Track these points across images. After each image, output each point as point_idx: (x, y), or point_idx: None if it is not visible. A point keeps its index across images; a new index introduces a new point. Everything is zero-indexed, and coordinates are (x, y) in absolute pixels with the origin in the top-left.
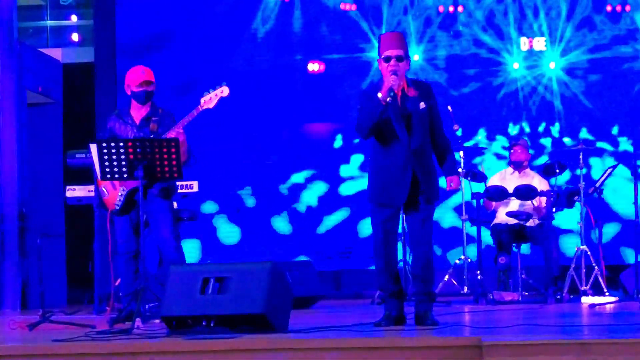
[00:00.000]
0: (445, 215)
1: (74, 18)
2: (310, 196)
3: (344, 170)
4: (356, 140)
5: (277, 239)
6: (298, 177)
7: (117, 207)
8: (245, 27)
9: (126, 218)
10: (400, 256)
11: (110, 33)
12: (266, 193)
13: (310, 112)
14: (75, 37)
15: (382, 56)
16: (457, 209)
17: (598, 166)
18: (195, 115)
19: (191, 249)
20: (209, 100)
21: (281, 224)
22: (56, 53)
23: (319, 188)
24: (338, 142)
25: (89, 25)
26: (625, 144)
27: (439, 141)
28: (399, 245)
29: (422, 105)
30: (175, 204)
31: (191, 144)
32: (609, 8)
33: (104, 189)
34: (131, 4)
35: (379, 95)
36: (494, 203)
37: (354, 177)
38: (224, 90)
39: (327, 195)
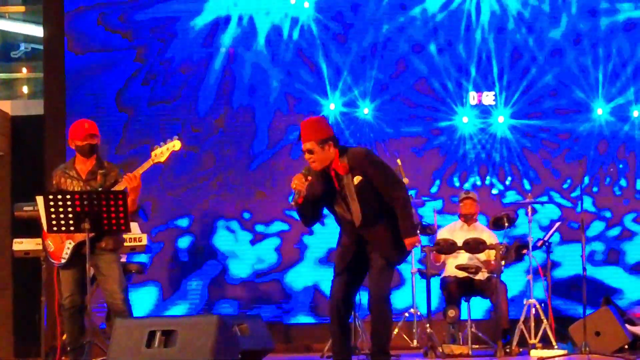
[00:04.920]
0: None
1: (24, 70)
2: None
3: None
4: None
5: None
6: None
7: (64, 261)
8: (198, 80)
9: (72, 272)
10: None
11: (60, 86)
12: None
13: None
14: (25, 89)
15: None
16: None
17: (546, 220)
18: (146, 168)
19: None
20: (160, 154)
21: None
22: (5, 105)
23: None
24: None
25: (39, 78)
26: (574, 198)
27: (389, 203)
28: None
29: (356, 179)
30: (124, 257)
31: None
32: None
33: (49, 242)
34: (81, 57)
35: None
36: (442, 256)
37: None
38: (176, 145)
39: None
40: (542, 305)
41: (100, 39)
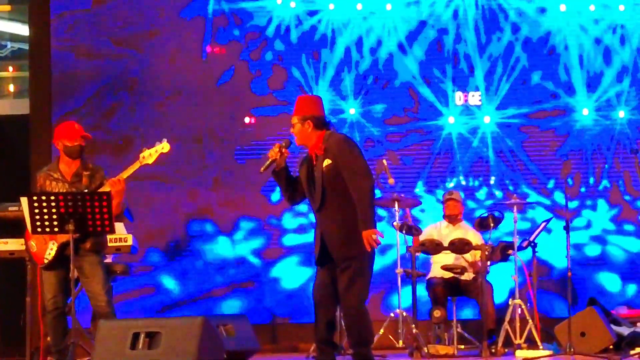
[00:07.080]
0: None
1: (10, 69)
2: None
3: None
4: None
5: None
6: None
7: (46, 261)
8: (185, 79)
9: (55, 273)
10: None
11: (46, 85)
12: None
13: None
14: (11, 88)
15: None
16: (393, 262)
17: (531, 220)
18: (133, 170)
19: None
20: (149, 155)
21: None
22: None
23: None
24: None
25: (25, 77)
26: (559, 198)
27: (352, 194)
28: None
29: (326, 162)
30: (110, 258)
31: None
32: None
33: (32, 242)
34: (67, 56)
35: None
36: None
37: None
38: (165, 147)
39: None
40: (528, 305)
41: (87, 38)
